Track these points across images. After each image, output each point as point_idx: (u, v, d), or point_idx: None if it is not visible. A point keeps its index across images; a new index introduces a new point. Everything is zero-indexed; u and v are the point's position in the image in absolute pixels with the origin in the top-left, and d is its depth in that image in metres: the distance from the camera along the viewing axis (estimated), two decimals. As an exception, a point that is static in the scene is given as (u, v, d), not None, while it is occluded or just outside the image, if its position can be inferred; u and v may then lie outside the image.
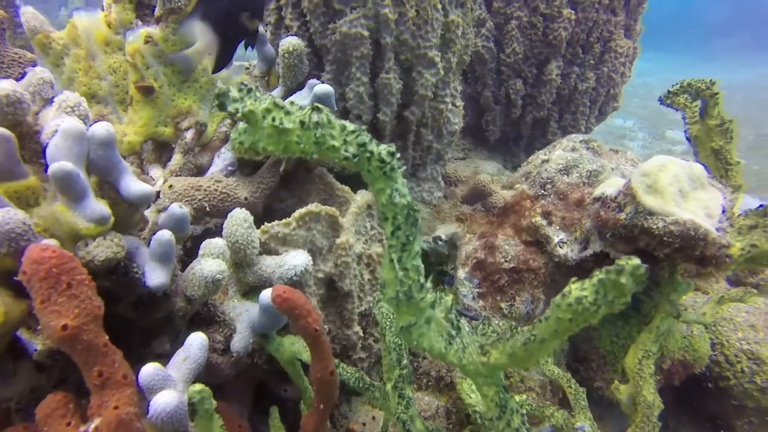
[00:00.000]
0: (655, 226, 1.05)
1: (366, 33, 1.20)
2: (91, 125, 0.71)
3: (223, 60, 1.09)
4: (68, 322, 0.60)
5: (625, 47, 2.18)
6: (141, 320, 0.95)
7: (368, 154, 0.48)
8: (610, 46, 2.15)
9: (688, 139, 1.21)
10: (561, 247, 1.37)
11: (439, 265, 1.16)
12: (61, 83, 1.18)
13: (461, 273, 1.34)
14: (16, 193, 0.70)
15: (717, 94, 1.10)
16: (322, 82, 1.30)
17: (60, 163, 0.63)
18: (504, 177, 1.87)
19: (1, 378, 0.80)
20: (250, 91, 0.49)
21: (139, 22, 1.12)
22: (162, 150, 1.20)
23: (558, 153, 1.55)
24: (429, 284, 0.78)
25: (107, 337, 0.65)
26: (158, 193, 1.13)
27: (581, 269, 1.48)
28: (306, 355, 0.90)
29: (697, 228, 1.01)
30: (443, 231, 1.12)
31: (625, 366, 1.22)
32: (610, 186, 1.23)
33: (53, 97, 0.74)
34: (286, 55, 1.16)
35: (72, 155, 0.67)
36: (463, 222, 1.59)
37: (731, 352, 1.64)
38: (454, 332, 0.61)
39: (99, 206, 0.69)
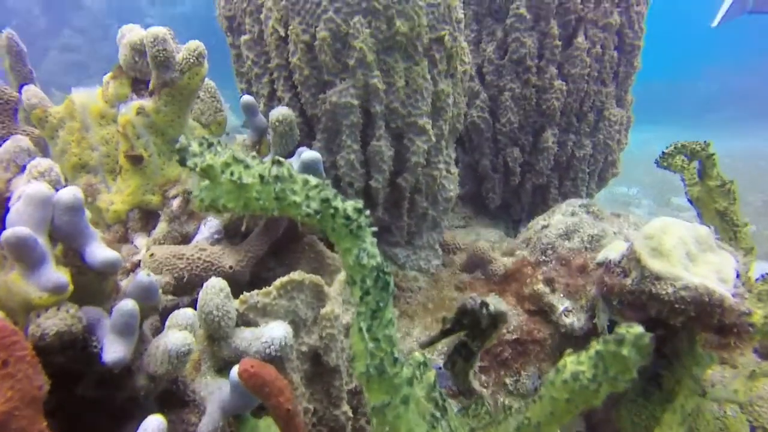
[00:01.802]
0: (664, 292, 0.97)
1: (356, 102, 1.21)
2: (58, 190, 0.69)
3: None
4: None
5: (619, 116, 2.21)
6: (105, 401, 0.86)
7: (332, 211, 0.44)
8: (603, 114, 2.19)
9: (690, 201, 1.17)
10: (566, 316, 1.28)
11: (466, 334, 1.05)
12: (55, 154, 1.19)
13: (460, 346, 1.25)
14: (-28, 261, 0.66)
15: (713, 154, 1.08)
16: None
17: (14, 228, 0.59)
18: (504, 244, 1.82)
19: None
20: (211, 145, 0.46)
21: (134, 96, 1.15)
22: (149, 219, 1.18)
23: (557, 218, 1.51)
24: (421, 357, 0.70)
25: (45, 423, 0.58)
26: (140, 262, 1.09)
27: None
28: (284, 442, 0.80)
29: (711, 293, 0.93)
30: (495, 302, 1.01)
31: (649, 453, 1.08)
32: (613, 250, 1.17)
33: (24, 164, 0.73)
34: (277, 123, 1.17)
35: (33, 221, 0.63)
36: (463, 291, 1.52)
37: (777, 439, 1.47)
38: (438, 414, 0.53)
39: (56, 275, 0.64)
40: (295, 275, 0.94)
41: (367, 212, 0.44)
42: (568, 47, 2.00)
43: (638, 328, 0.35)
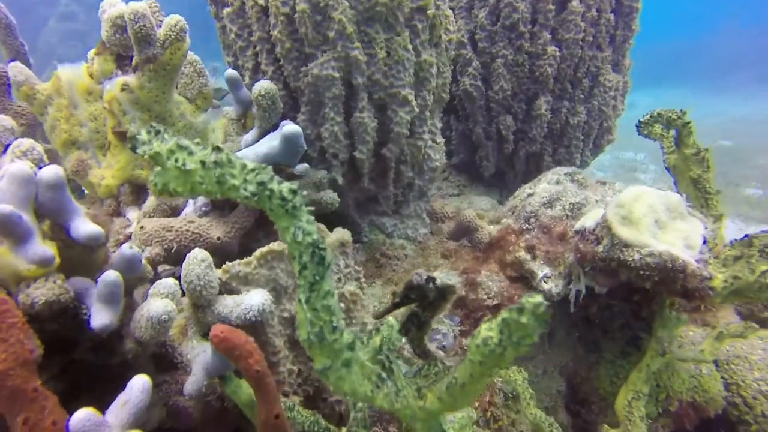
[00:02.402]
0: (630, 259, 1.01)
1: (337, 74, 1.22)
2: (40, 168, 0.73)
3: None
4: (-6, 366, 0.60)
5: (614, 81, 2.18)
6: (103, 366, 0.94)
7: (268, 193, 0.47)
8: (598, 80, 2.16)
9: (667, 169, 1.18)
10: (545, 282, 1.33)
11: (417, 305, 1.12)
12: (46, 131, 1.23)
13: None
14: (-34, 237, 0.71)
15: (689, 123, 1.08)
16: (297, 124, 1.33)
17: (-2, 206, 0.64)
18: (492, 212, 1.85)
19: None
20: (158, 133, 0.49)
21: (119, 72, 1.17)
22: (139, 192, 1.23)
23: (542, 186, 1.53)
24: (393, 321, 0.75)
25: (39, 382, 0.64)
26: (131, 234, 1.15)
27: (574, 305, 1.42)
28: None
29: (675, 259, 0.97)
30: (443, 277, 1.07)
31: (616, 408, 1.14)
32: (591, 218, 1.20)
33: (9, 144, 0.77)
34: (260, 98, 1.19)
35: (16, 199, 0.68)
36: (448, 258, 1.56)
37: (749, 394, 1.53)
38: (385, 374, 0.58)
39: (42, 248, 0.70)
40: (275, 245, 0.98)
41: (304, 192, 0.48)
42: (562, 11, 1.95)
43: (537, 298, 0.39)
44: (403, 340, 0.83)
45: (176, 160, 0.46)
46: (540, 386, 1.55)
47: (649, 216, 1.02)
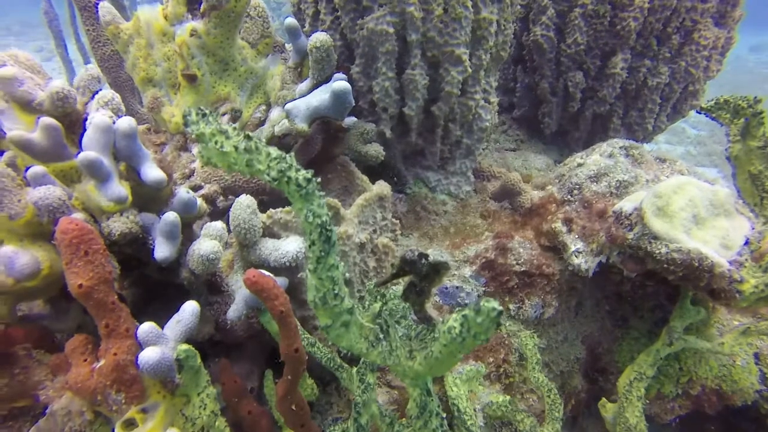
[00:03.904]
0: (657, 252, 1.00)
1: (391, 30, 1.23)
2: (119, 118, 0.86)
3: None
4: (83, 282, 0.76)
5: (712, 38, 1.95)
6: (166, 281, 1.12)
7: (286, 179, 0.55)
8: (692, 37, 1.94)
9: (728, 158, 1.10)
10: (576, 257, 1.34)
11: (414, 276, 1.19)
12: (128, 68, 1.36)
13: (467, 271, 1.37)
14: (62, 171, 0.87)
15: (761, 113, 0.98)
16: (351, 75, 1.36)
17: (84, 153, 0.77)
18: (543, 174, 1.82)
19: (56, 315, 1.00)
20: (205, 115, 0.58)
21: (190, 16, 1.26)
22: (204, 131, 1.35)
23: (594, 158, 1.48)
24: (392, 291, 0.84)
25: (116, 297, 0.81)
26: (195, 170, 1.29)
27: (608, 280, 1.43)
28: (294, 330, 1.01)
29: (702, 259, 0.95)
30: (437, 255, 1.11)
31: (617, 385, 1.19)
32: (630, 201, 1.18)
33: (96, 92, 0.90)
34: (314, 50, 1.23)
35: (99, 145, 0.81)
36: (486, 219, 1.60)
37: (784, 391, 1.51)
38: (381, 335, 0.68)
39: (119, 188, 0.84)
40: (314, 198, 1.08)
41: (318, 179, 0.55)
42: (659, -45, 1.74)
43: (492, 304, 0.45)
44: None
45: (216, 142, 0.55)
46: (560, 351, 1.61)
47: (687, 210, 0.99)
